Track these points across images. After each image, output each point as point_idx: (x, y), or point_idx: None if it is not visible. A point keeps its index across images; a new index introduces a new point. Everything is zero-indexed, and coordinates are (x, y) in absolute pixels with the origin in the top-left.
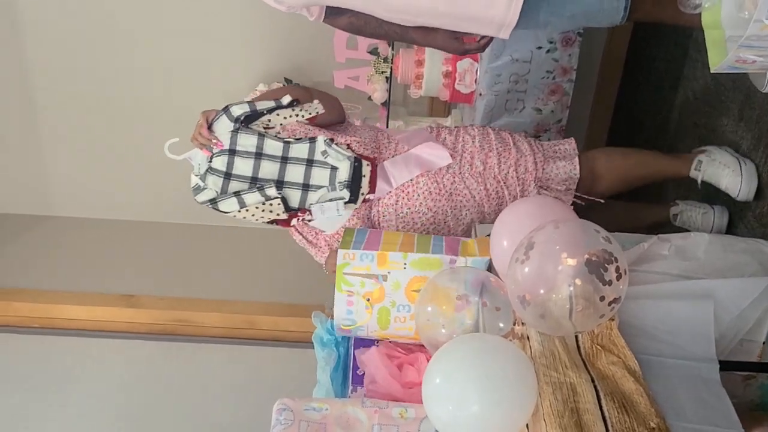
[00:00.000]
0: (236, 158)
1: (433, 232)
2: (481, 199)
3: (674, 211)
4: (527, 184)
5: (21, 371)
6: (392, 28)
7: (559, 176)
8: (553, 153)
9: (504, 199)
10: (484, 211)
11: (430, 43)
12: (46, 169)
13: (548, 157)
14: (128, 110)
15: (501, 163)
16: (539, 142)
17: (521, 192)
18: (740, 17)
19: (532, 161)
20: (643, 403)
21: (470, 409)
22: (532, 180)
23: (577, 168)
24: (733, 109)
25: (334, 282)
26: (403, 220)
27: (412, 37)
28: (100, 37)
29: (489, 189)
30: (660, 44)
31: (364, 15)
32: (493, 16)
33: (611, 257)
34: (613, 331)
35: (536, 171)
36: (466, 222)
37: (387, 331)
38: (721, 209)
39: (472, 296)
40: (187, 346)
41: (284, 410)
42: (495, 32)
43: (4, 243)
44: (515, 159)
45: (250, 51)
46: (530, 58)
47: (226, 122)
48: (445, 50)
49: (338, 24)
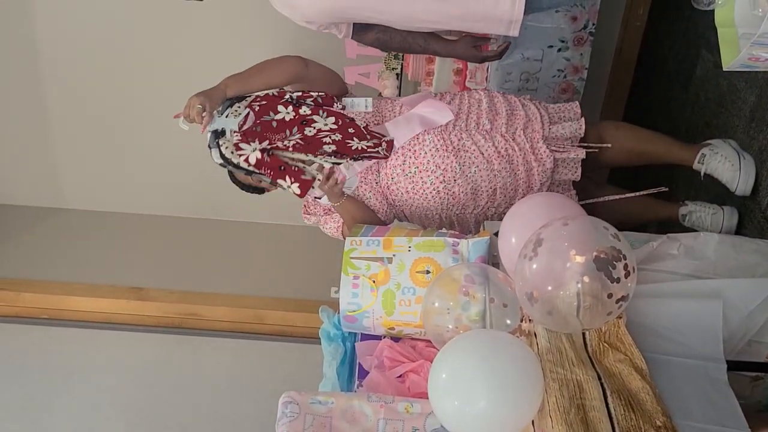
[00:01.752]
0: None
1: (443, 192)
2: (489, 156)
3: (683, 211)
4: (535, 142)
5: (30, 362)
6: (416, 41)
7: (565, 134)
8: (558, 117)
9: (513, 156)
10: (494, 168)
11: (451, 53)
12: (57, 161)
13: (554, 121)
14: (140, 104)
15: (509, 123)
16: (545, 105)
17: (531, 149)
18: (753, 15)
19: (539, 122)
20: (649, 401)
21: (477, 404)
22: (540, 138)
23: (583, 127)
24: (744, 110)
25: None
26: (411, 179)
27: (434, 48)
28: (113, 32)
29: (498, 146)
30: (672, 44)
31: (390, 30)
32: (501, 13)
33: (620, 255)
34: (620, 328)
35: (543, 130)
36: (475, 180)
37: (392, 317)
38: (731, 210)
39: (477, 277)
40: (194, 340)
41: (290, 403)
42: (505, 30)
43: (16, 234)
44: (523, 121)
45: (261, 46)
46: (541, 56)
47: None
48: (465, 59)
49: (366, 40)
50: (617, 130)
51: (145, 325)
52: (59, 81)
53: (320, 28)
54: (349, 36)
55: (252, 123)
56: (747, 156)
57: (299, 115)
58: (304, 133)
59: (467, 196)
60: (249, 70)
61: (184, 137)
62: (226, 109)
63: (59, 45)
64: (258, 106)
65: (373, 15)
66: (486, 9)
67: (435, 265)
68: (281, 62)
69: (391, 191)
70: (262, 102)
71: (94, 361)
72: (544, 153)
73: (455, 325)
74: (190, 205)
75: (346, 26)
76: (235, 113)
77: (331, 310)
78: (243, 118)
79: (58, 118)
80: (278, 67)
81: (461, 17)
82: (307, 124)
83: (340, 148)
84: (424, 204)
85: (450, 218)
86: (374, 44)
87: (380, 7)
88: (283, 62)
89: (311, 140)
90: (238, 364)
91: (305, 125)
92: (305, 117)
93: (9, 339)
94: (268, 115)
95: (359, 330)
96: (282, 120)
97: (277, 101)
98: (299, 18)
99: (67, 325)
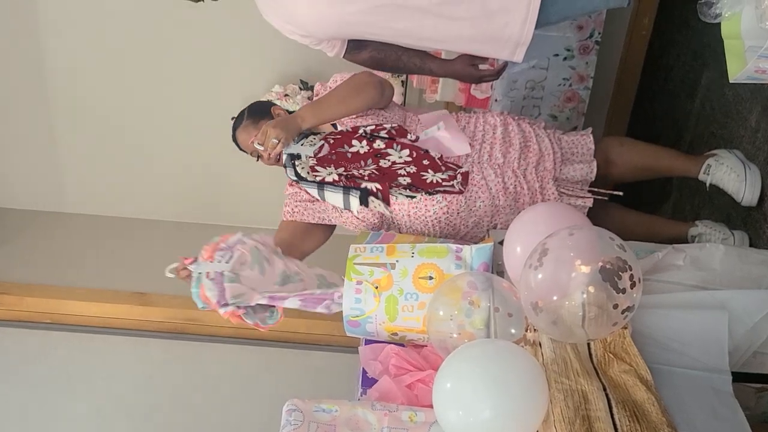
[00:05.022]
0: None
1: (443, 222)
2: (497, 192)
3: (692, 233)
4: (545, 181)
5: (32, 366)
6: (412, 60)
7: (576, 177)
8: (571, 154)
9: (521, 194)
10: (499, 205)
11: (448, 73)
12: (61, 165)
13: (566, 160)
14: (144, 109)
15: (521, 158)
16: (558, 136)
17: (540, 188)
18: (760, 28)
19: (551, 161)
20: (654, 412)
21: (481, 414)
22: (550, 178)
23: (594, 171)
24: (750, 120)
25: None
26: (415, 206)
27: (430, 67)
28: (116, 36)
29: (507, 182)
30: (677, 53)
31: (385, 49)
32: (509, 35)
33: (625, 265)
34: (625, 339)
35: (554, 171)
36: (479, 214)
37: (395, 323)
38: (741, 235)
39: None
40: (197, 345)
41: (294, 411)
42: (510, 54)
43: (19, 238)
44: (536, 157)
45: (266, 53)
46: (547, 65)
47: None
48: (462, 79)
49: (359, 59)
50: (622, 146)
51: (147, 330)
52: (63, 85)
53: (312, 43)
54: (341, 55)
55: (327, 152)
56: (752, 166)
57: (373, 148)
58: (379, 164)
59: (467, 228)
60: (328, 99)
61: (188, 142)
62: (302, 139)
63: (63, 48)
64: (333, 139)
65: (377, 32)
66: (495, 30)
67: (438, 271)
68: (362, 93)
69: (393, 210)
70: (337, 136)
71: (97, 366)
72: (552, 195)
73: (458, 332)
74: (193, 211)
75: (340, 43)
76: (310, 143)
77: None
78: (318, 148)
79: (62, 122)
80: (359, 98)
81: (469, 38)
82: (382, 157)
83: (415, 181)
84: (421, 229)
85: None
86: (367, 63)
87: (387, 24)
88: (364, 93)
89: (386, 171)
90: (240, 370)
91: (380, 158)
92: (379, 150)
93: (12, 343)
94: (343, 147)
95: (363, 335)
96: (357, 153)
97: (351, 136)
98: (293, 32)
99: (69, 330)
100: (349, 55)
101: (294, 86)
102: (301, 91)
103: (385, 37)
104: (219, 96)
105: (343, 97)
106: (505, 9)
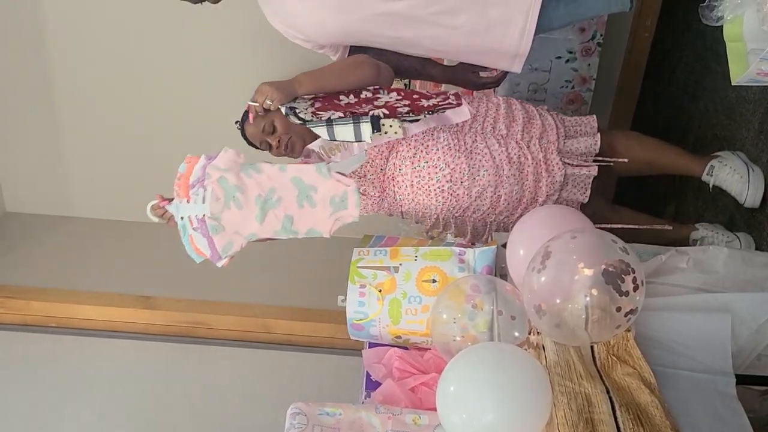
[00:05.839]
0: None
1: (447, 191)
2: (500, 161)
3: (695, 236)
4: (549, 152)
5: (38, 370)
6: (413, 66)
7: (580, 149)
8: (575, 131)
9: (525, 164)
10: (503, 174)
11: (448, 79)
12: (66, 170)
13: (570, 135)
14: (148, 113)
15: (524, 131)
16: (561, 117)
17: (544, 159)
18: (762, 31)
19: (555, 134)
20: (658, 415)
21: (484, 418)
22: (554, 149)
23: (598, 143)
24: (753, 122)
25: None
26: (418, 174)
27: (431, 74)
28: (121, 40)
29: (511, 152)
30: (680, 55)
31: (386, 54)
32: (508, 46)
33: (628, 268)
34: (629, 342)
35: (558, 143)
36: (482, 184)
37: (398, 326)
38: (746, 237)
39: (483, 286)
40: (202, 349)
41: (298, 414)
42: (508, 65)
43: (25, 243)
44: (540, 130)
45: (268, 54)
46: (549, 67)
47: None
48: (462, 85)
49: None
50: (627, 139)
51: (153, 334)
52: (70, 90)
53: (314, 48)
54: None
55: (321, 105)
56: (756, 168)
57: (361, 98)
58: (374, 104)
59: (470, 198)
60: (325, 71)
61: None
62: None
63: (68, 54)
64: (321, 98)
65: (378, 40)
66: (493, 41)
67: (441, 274)
68: (359, 69)
69: (395, 182)
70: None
71: (102, 370)
72: (556, 165)
73: (462, 335)
74: None
75: (342, 48)
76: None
77: None
78: (311, 102)
79: (68, 127)
80: (356, 74)
81: (468, 48)
82: (374, 100)
83: (414, 108)
84: (425, 201)
85: (447, 220)
86: None
87: (386, 33)
88: (361, 69)
89: (386, 107)
90: (244, 373)
91: (372, 101)
92: (368, 96)
93: (18, 347)
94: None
95: (366, 338)
96: (348, 103)
97: (337, 95)
98: (296, 36)
99: (75, 334)
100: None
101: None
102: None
103: (386, 45)
104: (222, 99)
105: (341, 70)
106: (503, 21)
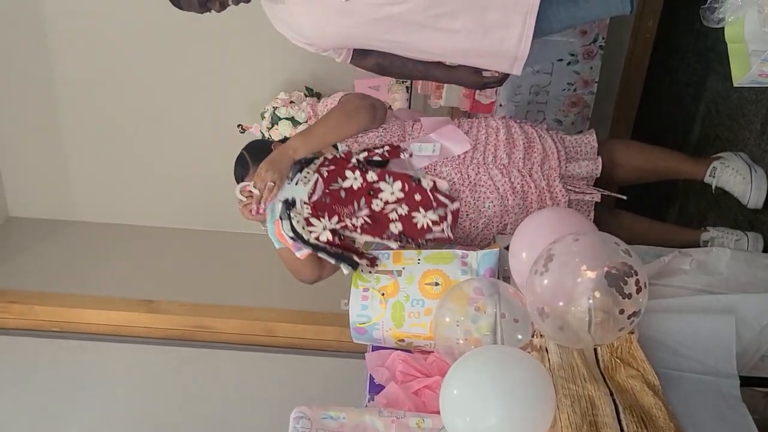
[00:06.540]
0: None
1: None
2: (505, 191)
3: (705, 238)
4: (552, 179)
5: (41, 374)
6: (416, 68)
7: (581, 174)
8: (575, 153)
9: (529, 192)
10: (508, 205)
11: (452, 80)
12: (69, 174)
13: (571, 158)
14: (151, 117)
15: (526, 158)
16: (561, 137)
17: (547, 186)
18: (764, 32)
19: (556, 159)
20: (662, 417)
21: (488, 420)
22: (556, 176)
23: (599, 168)
24: (755, 123)
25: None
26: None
27: (435, 75)
28: (125, 45)
29: (514, 182)
30: (682, 56)
31: (390, 56)
32: (507, 49)
33: (631, 270)
34: (632, 344)
35: (560, 168)
36: (488, 215)
37: (401, 329)
38: (755, 236)
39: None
40: (205, 352)
41: (301, 418)
42: (508, 67)
43: (28, 247)
44: (541, 156)
45: (272, 60)
46: (551, 69)
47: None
48: (466, 86)
49: (365, 65)
50: (627, 148)
51: (156, 338)
52: (72, 94)
53: (318, 51)
54: (347, 60)
55: (321, 193)
56: (758, 169)
57: (366, 182)
58: (371, 207)
59: (477, 230)
60: (317, 128)
61: (195, 150)
62: (296, 174)
63: (72, 59)
64: (326, 171)
65: (377, 44)
66: (492, 45)
67: (444, 277)
68: (353, 120)
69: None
70: (330, 167)
71: (106, 374)
72: (559, 193)
73: (465, 338)
74: (201, 218)
75: (346, 51)
76: (304, 180)
77: None
78: (312, 185)
79: (71, 132)
80: (350, 126)
81: (467, 51)
82: (375, 195)
83: (407, 229)
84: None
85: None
86: (373, 69)
87: (385, 37)
88: (356, 119)
89: (379, 217)
90: (248, 377)
91: (372, 196)
92: (372, 186)
93: (21, 351)
94: (336, 182)
95: (370, 342)
96: (350, 189)
97: (344, 165)
98: (298, 40)
99: (78, 338)
100: (355, 61)
101: (299, 93)
102: (306, 98)
103: (386, 48)
104: (226, 104)
105: (334, 124)
106: (501, 24)
